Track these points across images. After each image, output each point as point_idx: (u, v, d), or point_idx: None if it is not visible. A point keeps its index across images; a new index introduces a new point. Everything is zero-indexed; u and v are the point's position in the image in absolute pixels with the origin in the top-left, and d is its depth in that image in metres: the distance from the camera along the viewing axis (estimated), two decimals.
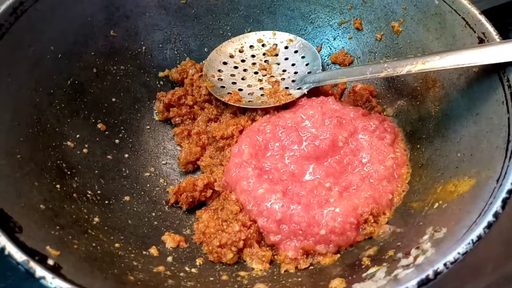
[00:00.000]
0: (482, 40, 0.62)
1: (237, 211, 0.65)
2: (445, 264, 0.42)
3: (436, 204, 0.58)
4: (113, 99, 0.77)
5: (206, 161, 0.76)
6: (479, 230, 0.44)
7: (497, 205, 0.46)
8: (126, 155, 0.75)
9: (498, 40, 0.60)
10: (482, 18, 0.63)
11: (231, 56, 0.86)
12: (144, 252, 0.60)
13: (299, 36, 0.87)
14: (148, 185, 0.74)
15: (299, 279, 0.58)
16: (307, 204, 0.63)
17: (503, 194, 0.46)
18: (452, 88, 0.67)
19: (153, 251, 0.61)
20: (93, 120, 0.73)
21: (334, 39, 0.87)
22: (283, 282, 0.57)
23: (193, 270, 0.60)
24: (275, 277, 0.59)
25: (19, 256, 0.43)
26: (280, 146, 0.70)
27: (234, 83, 0.82)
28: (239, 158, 0.69)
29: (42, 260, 0.44)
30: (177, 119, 0.82)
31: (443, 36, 0.69)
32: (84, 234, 0.56)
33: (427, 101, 0.72)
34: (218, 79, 0.82)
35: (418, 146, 0.71)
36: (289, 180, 0.67)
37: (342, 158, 0.69)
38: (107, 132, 0.74)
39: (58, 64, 0.69)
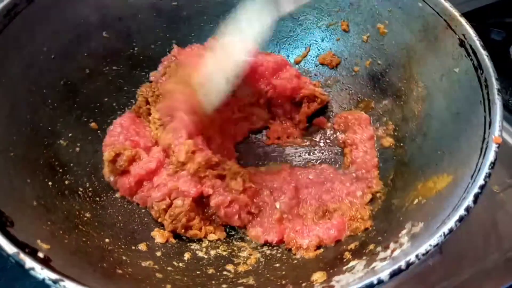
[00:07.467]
0: (463, 42, 0.64)
1: None
2: (417, 256, 0.44)
3: (416, 200, 0.60)
4: (105, 99, 0.79)
5: None
6: (450, 223, 0.46)
7: (469, 200, 0.48)
8: None
9: (477, 40, 0.62)
10: (462, 20, 0.65)
11: None
12: (133, 247, 0.62)
13: (289, 38, 0.89)
14: None
15: (283, 273, 0.59)
16: None
17: (476, 190, 0.48)
18: (434, 89, 0.69)
19: (142, 246, 0.63)
20: (86, 119, 0.75)
21: (322, 40, 0.88)
22: (268, 275, 0.59)
23: (181, 264, 0.61)
24: (259, 271, 0.61)
25: (9, 248, 0.44)
26: None
27: None
28: None
29: (32, 253, 0.46)
30: None
31: (426, 37, 0.71)
32: (74, 229, 0.58)
33: (410, 101, 0.74)
34: None
35: (402, 144, 0.73)
36: None
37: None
38: (99, 131, 0.76)
39: (51, 64, 0.70)
